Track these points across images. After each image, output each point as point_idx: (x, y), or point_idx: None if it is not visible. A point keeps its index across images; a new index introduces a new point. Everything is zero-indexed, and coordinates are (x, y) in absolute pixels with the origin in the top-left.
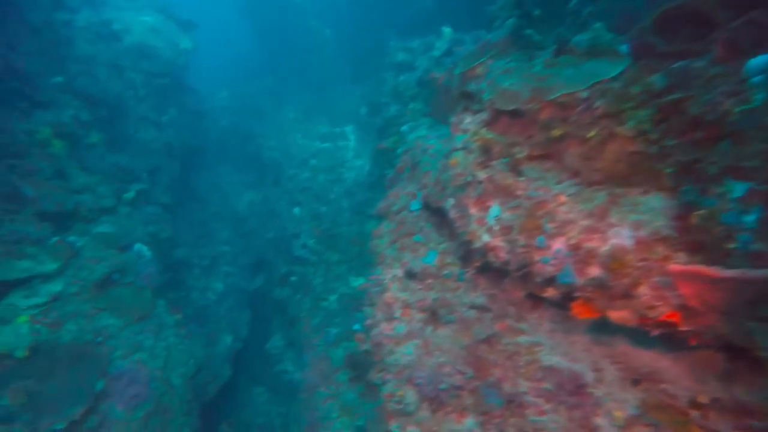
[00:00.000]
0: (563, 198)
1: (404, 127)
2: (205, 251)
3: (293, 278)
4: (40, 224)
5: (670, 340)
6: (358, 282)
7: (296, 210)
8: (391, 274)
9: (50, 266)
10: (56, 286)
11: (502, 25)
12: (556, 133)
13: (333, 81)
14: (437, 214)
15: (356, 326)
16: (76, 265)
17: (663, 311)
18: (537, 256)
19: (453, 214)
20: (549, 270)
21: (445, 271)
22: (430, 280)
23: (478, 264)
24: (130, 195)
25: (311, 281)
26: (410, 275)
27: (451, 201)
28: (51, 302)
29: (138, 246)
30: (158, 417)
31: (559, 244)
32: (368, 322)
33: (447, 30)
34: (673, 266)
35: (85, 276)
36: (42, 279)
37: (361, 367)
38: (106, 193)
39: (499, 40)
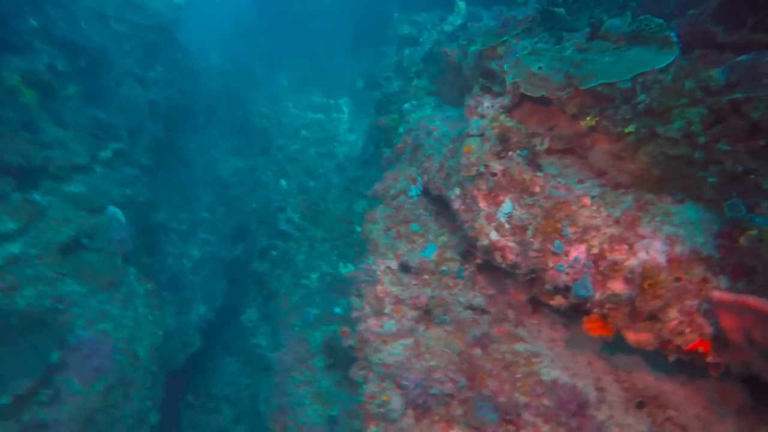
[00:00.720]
0: (587, 200)
1: (407, 105)
2: (184, 216)
3: (274, 252)
4: (3, 179)
5: (684, 365)
6: (347, 269)
7: (283, 182)
8: (384, 265)
9: (9, 225)
10: (14, 248)
11: (526, 1)
12: (586, 125)
13: (330, 51)
14: (438, 203)
15: (337, 309)
16: (39, 226)
17: (691, 339)
18: (551, 262)
19: (457, 205)
20: (563, 279)
21: (443, 267)
22: (426, 276)
23: (479, 261)
24: (106, 154)
25: (293, 257)
26: (405, 268)
27: (456, 190)
28: (7, 265)
29: (112, 209)
30: (120, 389)
31: (578, 252)
32: (355, 314)
33: (461, 3)
34: (717, 294)
35: (49, 238)
36: (0, 239)
37: (339, 354)
38: (80, 150)
39: (524, 18)
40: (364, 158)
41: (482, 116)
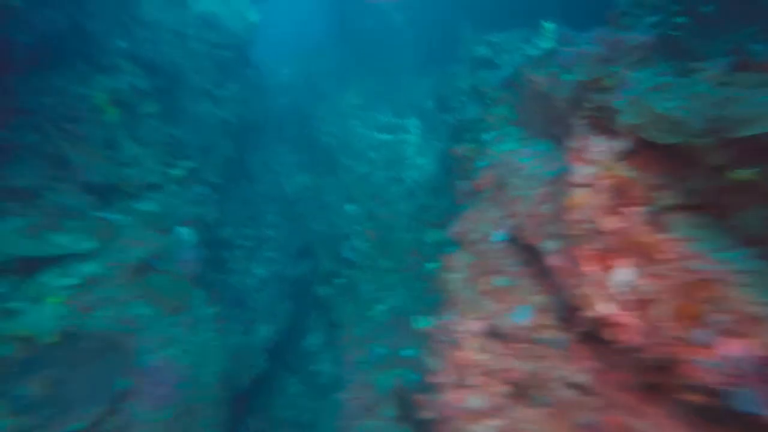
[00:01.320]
0: (738, 276)
1: (486, 135)
2: (249, 232)
3: (338, 280)
4: (83, 196)
5: None
6: (422, 323)
7: (349, 207)
8: (467, 325)
9: (88, 245)
10: (92, 268)
11: (633, 24)
12: (739, 179)
13: (399, 68)
14: (528, 253)
15: (406, 352)
16: (114, 246)
17: None
18: (689, 354)
19: (555, 262)
20: (708, 379)
21: (540, 335)
22: (519, 344)
23: (583, 329)
24: (178, 172)
25: (358, 286)
26: (493, 333)
27: (553, 244)
28: (85, 284)
29: (181, 229)
30: (185, 418)
31: (733, 348)
32: (430, 378)
33: (549, 25)
34: None
35: (123, 259)
36: (78, 258)
37: (409, 405)
38: (154, 168)
39: (638, 44)
40: (434, 186)
41: (590, 162)
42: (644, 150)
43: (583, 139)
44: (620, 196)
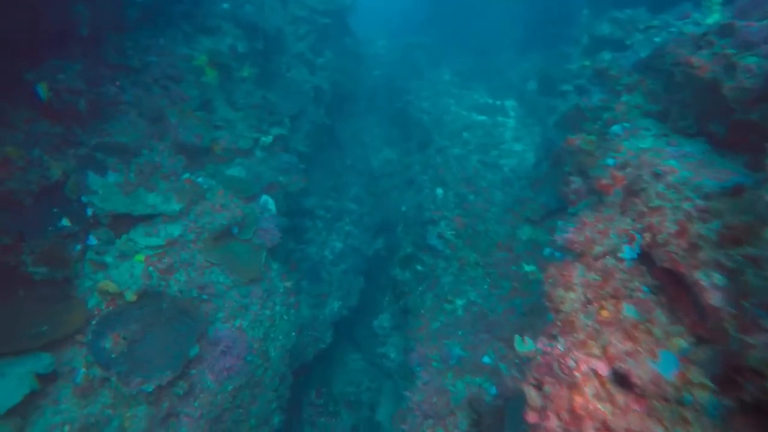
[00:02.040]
0: None
1: (615, 127)
2: (331, 203)
3: (419, 267)
4: (175, 156)
5: None
6: (524, 346)
7: (439, 191)
8: (587, 363)
9: (174, 206)
10: (175, 229)
11: None
12: None
13: (498, 47)
14: (671, 280)
15: (486, 359)
16: (198, 210)
17: None
18: None
19: (717, 300)
20: None
21: (684, 393)
22: (655, 401)
23: (749, 398)
24: (267, 139)
25: (439, 277)
26: (623, 381)
27: (712, 277)
28: (167, 246)
29: (264, 198)
30: (248, 390)
31: None
32: (532, 417)
33: None
34: None
35: (205, 224)
36: (164, 219)
37: (485, 419)
38: (245, 134)
39: None
40: (534, 177)
41: None
42: None
43: None
44: None
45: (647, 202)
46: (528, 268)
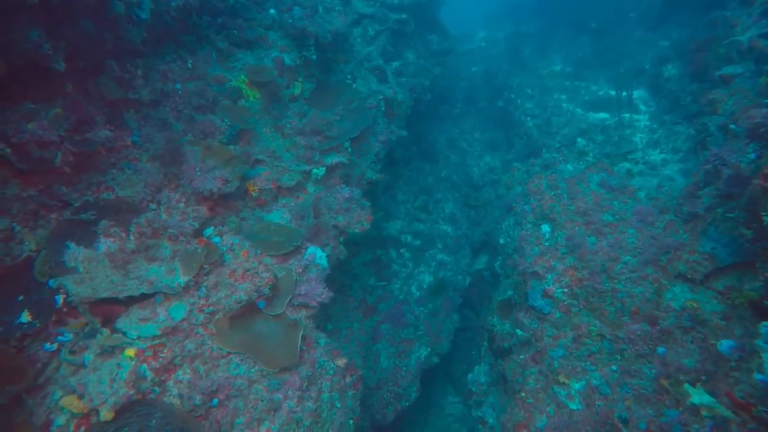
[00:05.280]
0: None
1: None
2: (421, 228)
3: (520, 332)
4: (192, 209)
5: None
6: None
7: (546, 228)
8: None
9: (179, 279)
10: (179, 311)
11: None
12: None
13: (620, 23)
14: None
15: None
16: (211, 281)
17: None
18: None
19: None
20: None
21: None
22: None
23: None
24: (320, 171)
25: (546, 348)
26: None
27: None
28: (167, 335)
29: (311, 250)
30: None
31: None
32: None
33: None
34: None
35: (221, 299)
36: (165, 297)
37: None
38: (292, 166)
39: None
40: (690, 210)
41: None
42: None
43: None
44: None
45: None
46: (688, 362)
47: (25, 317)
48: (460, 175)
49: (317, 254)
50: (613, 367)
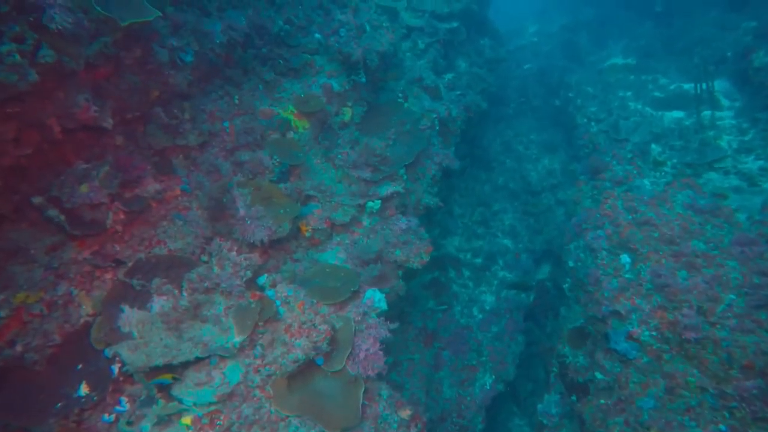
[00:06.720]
0: None
1: None
2: (480, 244)
3: (599, 375)
4: (244, 256)
5: None
6: None
7: (625, 259)
8: None
9: (233, 339)
10: (235, 374)
11: None
12: None
13: (691, 4)
14: None
15: None
16: (267, 339)
17: None
18: None
19: None
20: None
21: None
22: None
23: None
24: (375, 204)
25: (633, 396)
26: None
27: None
28: (223, 401)
29: (369, 294)
30: None
31: None
32: None
33: None
34: None
35: (277, 358)
36: (219, 359)
37: None
38: (345, 200)
39: None
40: None
41: None
42: None
43: None
44: None
45: None
46: None
47: (83, 390)
48: (517, 182)
49: (376, 297)
50: (722, 427)
